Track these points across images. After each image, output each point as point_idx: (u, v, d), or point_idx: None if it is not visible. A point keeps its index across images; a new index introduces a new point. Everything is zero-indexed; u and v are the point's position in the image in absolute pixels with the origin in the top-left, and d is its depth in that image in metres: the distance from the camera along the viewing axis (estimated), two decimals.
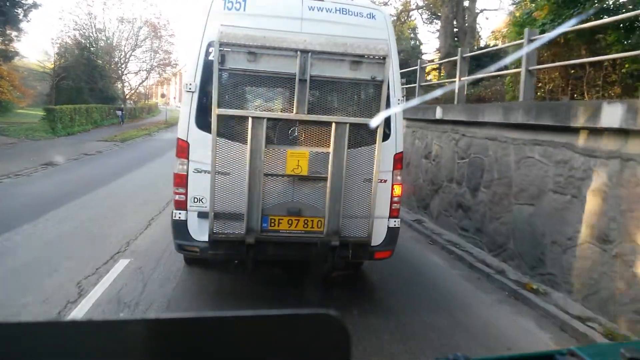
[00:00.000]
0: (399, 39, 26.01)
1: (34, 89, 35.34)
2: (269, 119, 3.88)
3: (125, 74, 47.59)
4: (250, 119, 3.82)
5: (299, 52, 3.74)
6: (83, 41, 38.85)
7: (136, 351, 0.59)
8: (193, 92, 4.23)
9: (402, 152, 4.40)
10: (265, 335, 0.62)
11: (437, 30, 24.52)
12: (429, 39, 47.67)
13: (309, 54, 3.75)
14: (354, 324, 4.16)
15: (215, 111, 3.79)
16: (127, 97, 48.25)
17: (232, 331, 0.62)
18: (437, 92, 10.07)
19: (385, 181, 4.34)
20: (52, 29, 59.95)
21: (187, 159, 4.19)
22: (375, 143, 3.98)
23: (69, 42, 36.62)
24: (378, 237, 4.31)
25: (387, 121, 4.22)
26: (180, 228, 4.24)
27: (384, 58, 3.88)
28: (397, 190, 4.43)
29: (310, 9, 4.26)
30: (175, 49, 67.37)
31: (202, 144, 4.07)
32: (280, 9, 4.21)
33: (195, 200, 4.24)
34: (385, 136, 4.17)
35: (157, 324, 0.60)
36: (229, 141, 3.90)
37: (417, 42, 29.74)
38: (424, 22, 26.51)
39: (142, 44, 46.37)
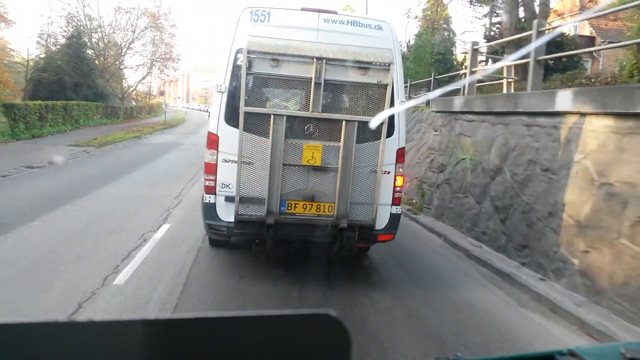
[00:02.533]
0: (434, 29, 26.01)
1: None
2: (288, 116, 4.44)
3: (122, 69, 44.25)
4: (272, 116, 4.39)
5: (315, 59, 4.34)
6: (71, 30, 35.68)
7: (136, 351, 0.58)
8: (223, 92, 4.80)
9: (404, 147, 4.90)
10: (265, 335, 0.62)
11: (485, 16, 22.84)
12: (476, 25, 42.86)
13: (324, 60, 4.36)
14: None
15: (242, 109, 4.36)
16: (126, 95, 45.61)
17: (232, 331, 0.61)
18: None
19: (388, 173, 4.86)
20: (42, 19, 54.80)
21: (217, 150, 4.72)
22: (380, 139, 4.51)
23: (56, 31, 34.27)
24: (381, 222, 4.85)
25: (392, 119, 4.69)
26: (209, 210, 4.79)
27: (389, 65, 4.47)
28: (399, 181, 4.91)
29: (325, 21, 4.80)
30: (178, 42, 62.14)
31: (229, 137, 4.60)
32: (299, 21, 4.76)
33: (223, 186, 4.80)
34: (390, 133, 4.65)
35: (157, 324, 0.59)
36: (254, 135, 4.45)
37: (451, 33, 28.08)
38: (471, 4, 23.85)
39: (141, 36, 42.72)
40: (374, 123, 4.44)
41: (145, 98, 52.20)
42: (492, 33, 22.04)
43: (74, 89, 32.35)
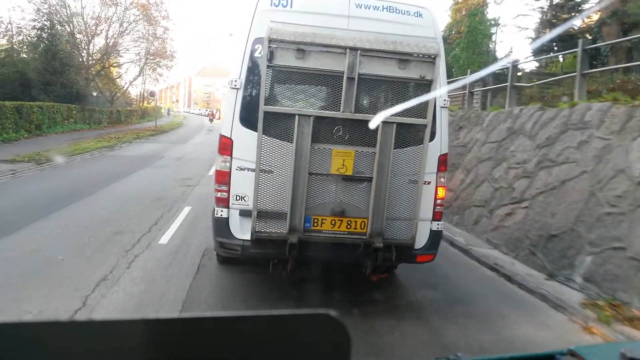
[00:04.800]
0: (473, 14, 20.54)
1: None
2: (315, 117, 4.43)
3: (108, 68, 39.27)
4: (296, 117, 4.35)
5: (348, 50, 4.29)
6: (43, 19, 30.42)
7: (136, 351, 0.61)
8: (238, 89, 4.64)
9: (446, 154, 4.95)
10: (265, 335, 0.64)
11: None
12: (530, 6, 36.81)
13: (358, 51, 4.30)
14: None
15: (262, 108, 4.35)
16: (115, 97, 40.35)
17: (232, 331, 0.64)
18: None
19: (429, 183, 4.74)
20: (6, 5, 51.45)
21: (231, 156, 4.69)
22: (421, 144, 4.55)
23: (20, 18, 30.92)
24: (420, 240, 4.72)
25: (433, 121, 4.84)
26: (221, 226, 4.69)
27: (435, 57, 4.32)
28: (441, 192, 4.85)
29: (357, 7, 4.74)
30: (172, 36, 57.96)
31: (246, 141, 4.62)
32: (327, 6, 4.74)
33: (238, 198, 4.64)
34: (430, 137, 4.77)
35: (157, 324, 0.62)
36: (274, 139, 4.53)
37: (490, 22, 22.52)
38: None
39: (130, 30, 38.67)
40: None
41: (138, 101, 46.83)
42: (553, 18, 18.84)
43: (43, 88, 28.30)
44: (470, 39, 22.11)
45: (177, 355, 0.60)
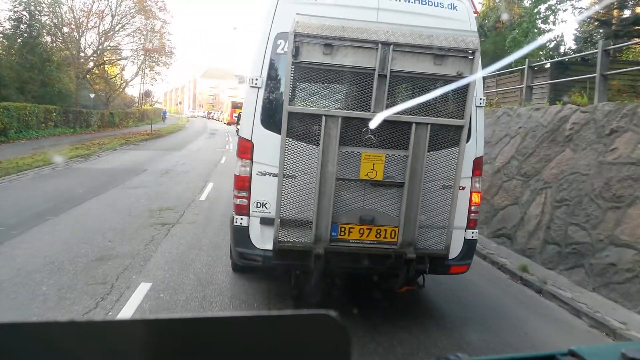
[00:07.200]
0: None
1: None
2: (343, 118, 4.26)
3: (101, 65, 36.12)
4: (323, 118, 4.18)
5: (379, 45, 4.12)
6: (20, 10, 27.45)
7: (136, 351, 0.61)
8: (259, 87, 4.44)
9: (482, 157, 4.77)
10: (265, 336, 0.64)
11: None
12: None
13: (391, 46, 4.13)
14: None
15: (286, 108, 4.17)
16: (110, 98, 37.17)
17: (231, 332, 0.64)
18: None
19: (463, 188, 4.54)
20: None
21: (251, 160, 4.52)
22: (457, 146, 4.36)
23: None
24: (454, 250, 4.54)
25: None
26: (241, 235, 4.47)
27: (474, 52, 4.14)
28: (476, 198, 4.65)
29: None
30: (170, 31, 55.13)
31: (267, 144, 4.47)
32: None
33: (259, 205, 4.44)
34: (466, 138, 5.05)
35: (157, 324, 0.62)
36: (299, 142, 4.35)
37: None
38: None
39: (125, 22, 35.97)
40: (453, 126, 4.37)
41: (141, 102, 47.02)
42: None
43: (19, 86, 24.91)
44: (529, 24, 17.53)
45: (177, 356, 0.58)
